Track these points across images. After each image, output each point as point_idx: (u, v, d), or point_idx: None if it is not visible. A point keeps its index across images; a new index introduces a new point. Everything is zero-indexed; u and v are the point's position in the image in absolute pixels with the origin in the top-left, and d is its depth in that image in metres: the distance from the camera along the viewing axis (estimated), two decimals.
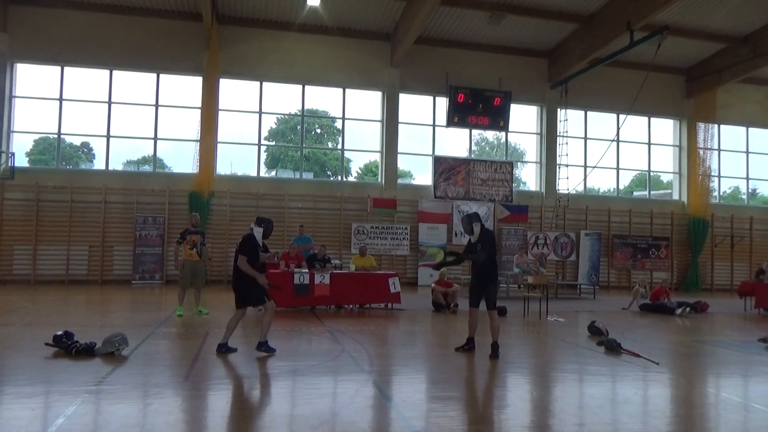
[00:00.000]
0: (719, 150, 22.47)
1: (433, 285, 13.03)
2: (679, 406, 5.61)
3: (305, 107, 19.80)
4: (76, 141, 20.35)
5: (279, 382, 5.93)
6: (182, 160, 18.74)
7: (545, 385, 6.30)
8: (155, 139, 18.26)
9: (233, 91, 18.73)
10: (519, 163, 22.72)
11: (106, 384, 5.48)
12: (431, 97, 20.19)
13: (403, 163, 20.57)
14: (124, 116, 18.13)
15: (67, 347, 6.67)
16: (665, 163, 22.72)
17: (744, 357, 8.06)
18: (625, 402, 5.55)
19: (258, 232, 6.84)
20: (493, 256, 7.39)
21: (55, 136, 18.07)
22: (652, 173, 22.89)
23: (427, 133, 20.29)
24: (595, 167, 20.16)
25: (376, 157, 20.51)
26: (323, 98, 20.28)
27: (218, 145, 18.35)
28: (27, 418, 4.50)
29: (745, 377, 6.98)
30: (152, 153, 18.56)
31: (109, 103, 17.89)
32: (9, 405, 4.86)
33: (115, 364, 6.25)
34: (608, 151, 19.88)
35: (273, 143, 24.60)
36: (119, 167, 18.77)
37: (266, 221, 7.06)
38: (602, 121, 21.79)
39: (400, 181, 20.22)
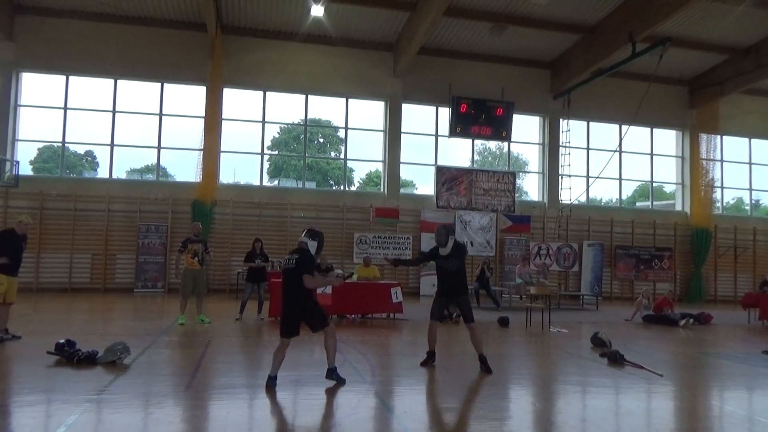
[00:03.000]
0: (722, 161, 22.46)
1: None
2: (683, 419, 5.57)
3: (308, 117, 19.86)
4: (80, 149, 20.48)
5: (281, 392, 5.90)
6: (185, 169, 18.85)
7: (548, 397, 6.27)
8: (159, 147, 18.33)
9: (237, 101, 18.82)
10: (521, 174, 22.79)
11: (108, 393, 5.47)
12: (434, 107, 20.26)
13: (405, 173, 20.62)
14: (128, 125, 18.23)
15: (69, 356, 6.67)
16: (668, 173, 22.72)
17: (748, 369, 8.01)
18: (628, 414, 5.52)
19: (312, 245, 6.20)
20: (463, 268, 7.42)
21: (60, 144, 18.18)
22: (654, 184, 22.89)
23: (430, 143, 20.33)
24: (597, 178, 20.15)
25: (379, 166, 20.55)
26: (326, 108, 20.36)
27: (221, 154, 18.40)
28: (28, 427, 4.50)
29: (749, 390, 6.94)
30: (156, 162, 18.63)
31: (114, 112, 17.98)
32: (11, 414, 4.86)
33: (117, 373, 6.24)
34: (611, 161, 19.86)
35: (276, 152, 24.73)
36: (123, 176, 18.83)
37: (319, 234, 6.35)
38: (604, 132, 21.82)
39: (402, 190, 20.25)
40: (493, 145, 26.33)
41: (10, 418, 4.74)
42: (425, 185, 20.88)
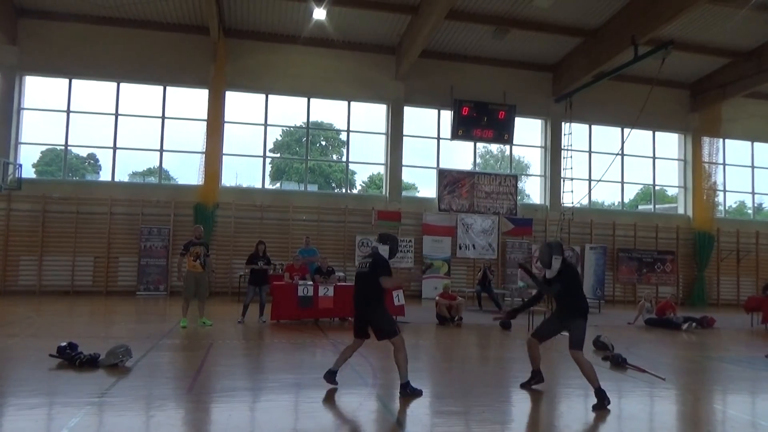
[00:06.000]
0: (724, 164, 22.42)
1: (437, 298, 12.99)
2: (685, 423, 5.55)
3: (310, 120, 19.91)
4: (83, 152, 20.51)
5: (282, 395, 5.90)
6: (188, 172, 18.88)
7: (550, 401, 6.25)
8: (161, 150, 18.37)
9: (239, 104, 18.85)
10: (523, 177, 22.76)
11: (110, 396, 5.47)
12: (436, 110, 20.27)
13: (407, 176, 20.62)
14: (130, 128, 18.26)
15: (71, 358, 6.68)
16: (670, 177, 22.69)
17: (751, 373, 7.98)
18: (630, 418, 5.50)
19: (384, 250, 6.15)
20: (574, 290, 6.08)
21: (62, 147, 18.21)
22: (657, 187, 22.87)
23: (432, 146, 20.34)
24: (599, 181, 20.12)
25: (381, 169, 20.55)
26: (328, 111, 20.39)
27: (223, 156, 18.43)
28: (30, 430, 4.50)
29: (752, 394, 6.91)
30: (158, 164, 18.67)
31: (116, 115, 18.02)
32: (12, 417, 4.86)
33: (119, 376, 6.24)
34: (613, 164, 19.83)
35: (278, 155, 24.75)
36: (125, 179, 18.87)
37: (392, 238, 6.30)
38: (607, 135, 21.81)
39: (404, 193, 20.25)
40: (494, 148, 26.27)
41: (12, 421, 4.73)
42: (427, 188, 20.90)
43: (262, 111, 18.95)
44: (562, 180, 20.70)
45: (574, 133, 20.72)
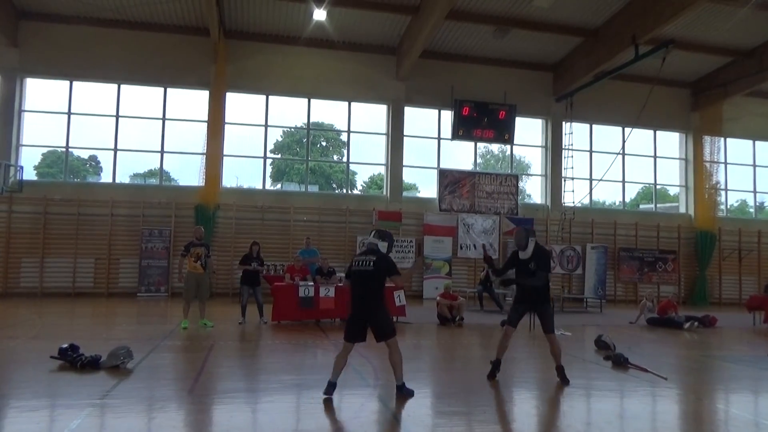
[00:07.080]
0: (726, 163, 22.39)
1: (438, 298, 12.99)
2: (688, 423, 5.54)
3: (311, 120, 19.90)
4: (84, 154, 20.53)
5: (284, 396, 5.89)
6: (188, 173, 18.90)
7: (551, 401, 6.23)
8: (162, 152, 18.38)
9: (239, 105, 18.85)
10: (524, 176, 22.74)
11: (111, 397, 5.47)
12: (436, 110, 20.26)
13: (408, 176, 20.61)
14: (131, 130, 18.27)
15: (73, 360, 6.67)
16: (671, 176, 22.67)
17: (753, 372, 7.97)
18: (633, 418, 5.48)
19: (383, 246, 5.95)
20: (548, 277, 6.70)
21: (63, 149, 18.23)
22: (658, 186, 22.84)
23: (432, 146, 20.33)
24: (600, 180, 20.10)
25: (381, 170, 20.55)
26: (329, 111, 20.40)
27: (224, 158, 18.43)
28: (32, 431, 4.50)
29: (755, 393, 6.89)
30: (159, 166, 18.68)
31: (117, 116, 18.03)
32: (14, 419, 4.86)
33: (120, 378, 6.24)
34: (614, 164, 19.81)
35: (279, 156, 24.77)
36: (126, 180, 18.86)
37: (389, 235, 6.06)
38: (608, 134, 21.79)
39: (405, 194, 20.25)
40: (495, 147, 26.31)
41: (13, 423, 4.73)
42: (428, 188, 20.88)
43: (262, 112, 18.95)
44: (563, 179, 20.67)
45: (575, 132, 20.69)
